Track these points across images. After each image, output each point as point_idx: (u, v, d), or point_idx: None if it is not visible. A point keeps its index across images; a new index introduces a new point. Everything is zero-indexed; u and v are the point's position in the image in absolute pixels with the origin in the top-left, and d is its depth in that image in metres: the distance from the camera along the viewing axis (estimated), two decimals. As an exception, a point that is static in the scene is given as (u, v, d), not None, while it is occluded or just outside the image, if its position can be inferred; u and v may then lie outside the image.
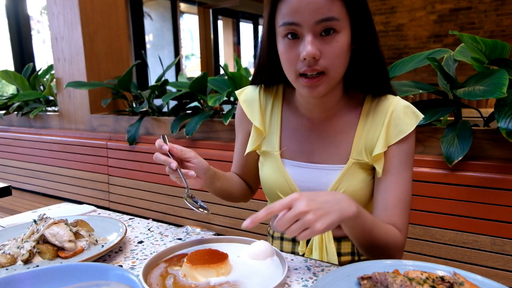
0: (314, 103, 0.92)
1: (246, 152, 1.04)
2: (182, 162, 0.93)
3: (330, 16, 0.76)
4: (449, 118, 1.66)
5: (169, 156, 0.90)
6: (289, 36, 0.80)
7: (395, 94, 0.92)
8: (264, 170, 1.01)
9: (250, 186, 1.17)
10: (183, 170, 0.90)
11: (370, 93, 0.92)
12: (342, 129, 0.93)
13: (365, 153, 0.90)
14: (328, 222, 0.68)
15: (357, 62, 0.86)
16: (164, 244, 0.95)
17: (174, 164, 0.88)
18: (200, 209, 0.88)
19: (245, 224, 0.71)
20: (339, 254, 0.97)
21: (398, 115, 0.87)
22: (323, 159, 0.94)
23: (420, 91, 1.53)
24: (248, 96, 1.03)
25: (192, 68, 9.41)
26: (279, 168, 0.97)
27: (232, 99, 2.21)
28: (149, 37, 7.61)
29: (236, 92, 1.05)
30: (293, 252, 1.03)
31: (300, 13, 0.76)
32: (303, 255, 0.95)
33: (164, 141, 0.92)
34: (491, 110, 1.40)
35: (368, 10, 0.83)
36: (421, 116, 0.88)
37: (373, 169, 0.92)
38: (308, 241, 0.98)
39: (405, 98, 1.02)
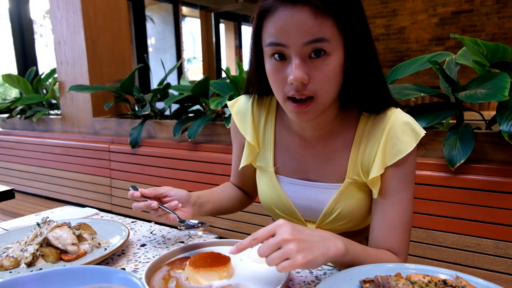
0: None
1: (240, 166, 1.02)
2: (160, 201, 0.95)
3: (320, 37, 0.70)
4: (451, 121, 1.66)
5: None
6: (276, 56, 0.74)
7: (396, 106, 0.85)
8: (261, 184, 0.99)
9: (249, 194, 1.15)
10: (165, 204, 0.93)
11: (366, 111, 0.85)
12: (337, 147, 0.88)
13: (362, 173, 0.86)
14: (310, 257, 0.63)
15: (353, 79, 0.80)
16: (167, 247, 0.95)
17: (154, 203, 0.89)
18: (196, 228, 0.90)
19: (231, 251, 0.69)
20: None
21: (396, 133, 0.81)
22: (318, 177, 0.91)
23: (422, 94, 1.54)
24: (240, 108, 0.99)
25: (194, 71, 9.43)
26: (274, 185, 0.95)
27: (234, 102, 2.22)
28: (151, 41, 7.64)
29: (228, 103, 1.01)
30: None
31: (286, 34, 0.70)
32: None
33: (134, 189, 0.94)
34: (493, 113, 1.40)
35: (365, 27, 0.76)
36: (422, 133, 0.81)
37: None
38: None
39: (407, 101, 1.01)
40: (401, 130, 0.81)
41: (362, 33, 0.76)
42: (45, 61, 5.46)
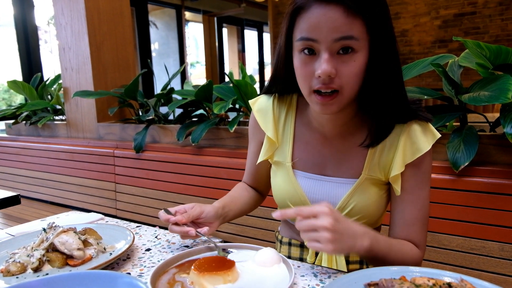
0: (326, 118, 0.91)
1: (258, 161, 1.04)
2: (192, 222, 0.97)
3: (349, 34, 0.74)
4: (454, 124, 1.66)
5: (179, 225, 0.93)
6: (306, 51, 0.78)
7: (415, 117, 0.86)
8: (276, 179, 1.02)
9: (261, 192, 1.18)
10: (199, 230, 0.95)
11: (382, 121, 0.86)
12: (355, 145, 0.91)
13: (379, 170, 0.89)
14: (338, 248, 0.72)
15: (373, 84, 0.82)
16: (172, 251, 0.95)
17: (192, 231, 0.91)
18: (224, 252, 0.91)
19: (276, 215, 0.77)
20: (347, 262, 0.97)
21: (415, 133, 0.86)
22: (335, 173, 0.93)
23: (425, 97, 1.54)
24: (262, 106, 1.02)
25: (197, 75, 9.47)
26: (290, 179, 0.97)
27: (237, 106, 2.22)
28: (154, 46, 7.68)
29: (250, 101, 1.05)
30: (301, 258, 1.03)
31: (318, 30, 0.74)
32: (312, 263, 0.95)
33: (168, 213, 0.95)
34: (498, 115, 1.40)
35: (390, 30, 0.79)
36: (438, 135, 0.86)
37: (386, 185, 0.92)
38: (317, 252, 0.99)
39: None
40: (419, 130, 0.86)
41: (388, 36, 0.79)
42: (50, 67, 5.50)
